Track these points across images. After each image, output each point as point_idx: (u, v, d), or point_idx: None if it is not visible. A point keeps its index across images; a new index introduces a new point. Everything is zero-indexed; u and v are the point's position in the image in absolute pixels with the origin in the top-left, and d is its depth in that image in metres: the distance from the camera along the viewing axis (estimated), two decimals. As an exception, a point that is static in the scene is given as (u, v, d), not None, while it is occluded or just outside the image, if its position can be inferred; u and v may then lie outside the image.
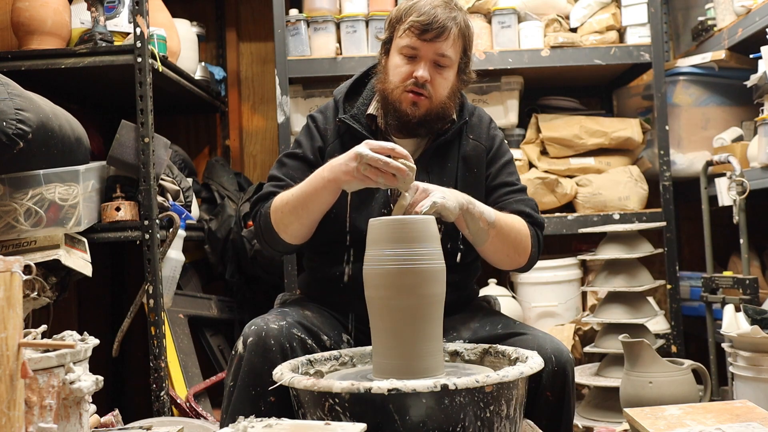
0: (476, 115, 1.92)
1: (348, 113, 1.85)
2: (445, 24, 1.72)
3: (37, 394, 1.15)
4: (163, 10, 2.70)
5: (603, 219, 2.83)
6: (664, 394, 2.15)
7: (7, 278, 1.04)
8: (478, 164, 1.86)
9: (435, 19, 1.71)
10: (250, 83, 3.48)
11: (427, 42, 1.73)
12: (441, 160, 1.84)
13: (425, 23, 1.71)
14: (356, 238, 1.71)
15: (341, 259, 1.76)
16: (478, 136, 1.89)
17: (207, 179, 3.14)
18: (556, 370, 1.61)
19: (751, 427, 1.43)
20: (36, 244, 2.07)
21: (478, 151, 1.86)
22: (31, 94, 2.03)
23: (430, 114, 1.78)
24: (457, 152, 1.85)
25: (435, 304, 1.46)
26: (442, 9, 1.73)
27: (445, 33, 1.72)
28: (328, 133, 1.86)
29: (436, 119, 1.80)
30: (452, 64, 1.77)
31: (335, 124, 1.86)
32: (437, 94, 1.77)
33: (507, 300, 2.89)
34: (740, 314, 2.22)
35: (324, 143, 1.86)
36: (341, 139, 1.84)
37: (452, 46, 1.75)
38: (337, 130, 1.85)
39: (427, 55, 1.74)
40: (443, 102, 1.78)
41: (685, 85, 2.96)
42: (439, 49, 1.74)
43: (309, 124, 1.90)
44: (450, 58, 1.75)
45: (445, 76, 1.77)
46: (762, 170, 2.44)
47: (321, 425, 1.27)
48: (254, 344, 1.57)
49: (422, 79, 1.74)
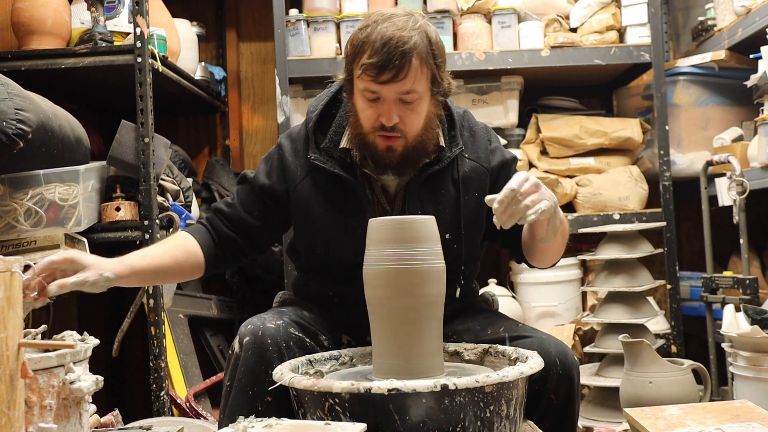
0: (467, 128, 1.76)
1: (320, 145, 1.71)
2: (401, 61, 1.52)
3: (37, 394, 1.15)
4: (163, 10, 2.70)
5: (603, 219, 2.83)
6: (664, 394, 2.15)
7: (7, 278, 1.04)
8: (480, 187, 1.72)
9: (388, 58, 1.52)
10: (250, 83, 3.48)
11: (385, 84, 1.55)
12: (434, 186, 1.69)
13: (379, 65, 1.53)
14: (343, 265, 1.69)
15: (329, 280, 1.75)
16: (476, 155, 1.74)
17: (207, 179, 3.14)
18: (561, 373, 1.59)
19: (751, 427, 1.43)
20: (36, 244, 2.07)
21: (479, 173, 1.72)
22: (31, 94, 2.03)
23: (409, 150, 1.63)
24: (452, 175, 1.70)
25: (435, 304, 1.46)
26: (396, 41, 1.52)
27: (403, 71, 1.53)
28: (298, 169, 1.72)
29: (418, 153, 1.65)
30: (421, 96, 1.59)
31: (306, 159, 1.71)
32: (411, 131, 1.61)
33: (507, 300, 2.89)
34: (740, 314, 2.22)
35: (289, 185, 1.72)
36: (312, 176, 1.71)
37: (416, 80, 1.56)
38: (308, 166, 1.71)
39: (389, 96, 1.57)
40: (420, 134, 1.63)
41: (685, 85, 2.96)
42: (400, 89, 1.55)
43: (275, 156, 1.77)
44: (416, 92, 1.57)
45: (416, 111, 1.60)
46: (762, 170, 2.44)
47: (321, 425, 1.27)
48: (251, 344, 1.56)
49: (390, 123, 1.58)
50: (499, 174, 1.74)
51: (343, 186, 1.69)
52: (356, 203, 1.68)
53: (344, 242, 1.68)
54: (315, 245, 1.73)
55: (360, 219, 1.63)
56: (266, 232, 1.79)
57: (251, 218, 1.75)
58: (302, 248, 1.78)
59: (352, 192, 1.68)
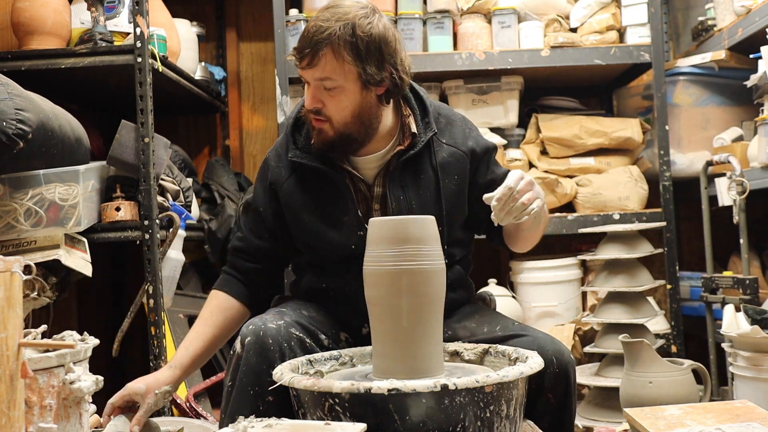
0: (443, 116, 1.80)
1: (298, 144, 1.77)
2: (314, 49, 1.59)
3: (37, 394, 1.15)
4: (163, 10, 2.70)
5: (603, 219, 2.83)
6: (664, 394, 2.15)
7: (7, 278, 1.04)
8: (460, 172, 1.76)
9: (305, 45, 1.61)
10: (250, 83, 3.48)
11: (304, 69, 1.63)
12: (413, 171, 1.74)
13: (298, 51, 1.63)
14: (333, 257, 1.75)
15: (321, 274, 1.79)
16: (454, 141, 1.77)
17: (207, 179, 3.14)
18: (557, 372, 1.60)
19: (751, 427, 1.43)
20: (36, 244, 2.07)
21: (457, 157, 1.76)
22: (31, 94, 2.03)
23: (342, 136, 1.67)
24: (431, 160, 1.74)
25: (435, 304, 1.46)
26: (315, 30, 1.60)
27: (315, 58, 1.59)
28: (282, 172, 1.77)
29: (354, 139, 1.68)
30: (340, 85, 1.62)
31: (288, 160, 1.76)
32: (335, 117, 1.65)
33: (507, 300, 2.89)
34: (740, 314, 2.22)
35: (277, 186, 1.78)
36: (295, 175, 1.76)
37: (331, 68, 1.60)
38: (291, 166, 1.76)
39: (310, 80, 1.65)
40: (351, 122, 1.66)
41: (685, 85, 2.96)
42: (316, 74, 1.62)
43: (263, 168, 1.84)
44: (332, 80, 1.61)
45: (337, 99, 1.63)
46: (762, 170, 2.44)
47: (321, 425, 1.27)
48: (252, 344, 1.57)
49: (309, 105, 1.65)
50: (481, 160, 1.79)
51: (323, 178, 1.74)
52: (337, 192, 1.73)
53: (330, 232, 1.73)
54: (304, 239, 1.78)
55: (342, 207, 1.71)
56: (283, 247, 1.84)
57: (264, 242, 1.82)
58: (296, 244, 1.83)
59: (332, 182, 1.73)
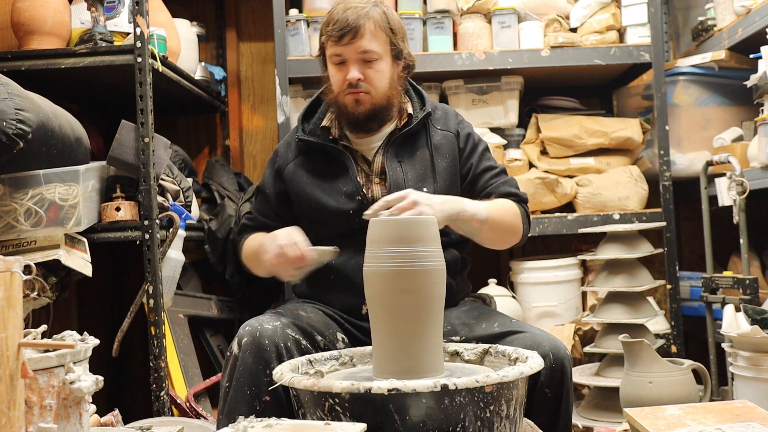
0: (440, 108, 2.01)
1: (306, 129, 1.97)
2: (357, 23, 1.81)
3: (37, 394, 1.15)
4: (163, 10, 2.70)
5: (603, 219, 2.83)
6: (664, 394, 2.15)
7: (7, 278, 1.04)
8: (451, 152, 1.94)
9: (346, 22, 1.81)
10: (250, 83, 3.48)
11: (346, 45, 1.82)
12: (410, 149, 1.92)
13: (339, 29, 1.81)
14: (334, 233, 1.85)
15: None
16: (446, 126, 1.97)
17: (207, 179, 3.13)
18: (553, 366, 1.63)
19: (751, 427, 1.43)
20: (36, 244, 2.07)
21: (448, 139, 1.95)
22: (31, 94, 2.03)
23: (376, 107, 1.87)
24: (426, 141, 1.93)
25: (435, 304, 1.46)
26: (353, 10, 1.82)
27: (360, 31, 1.81)
28: (288, 154, 1.98)
29: (383, 110, 1.89)
30: (380, 56, 1.85)
31: (296, 144, 1.97)
32: (376, 87, 1.86)
33: (507, 300, 2.89)
34: (740, 314, 2.22)
35: (283, 169, 1.97)
36: (300, 156, 1.96)
37: (373, 40, 1.83)
38: (297, 149, 1.97)
39: (351, 57, 1.84)
40: (386, 92, 1.88)
41: (685, 85, 2.96)
42: (359, 48, 1.82)
43: (272, 157, 2.04)
44: (374, 51, 1.83)
45: (377, 69, 1.85)
46: (762, 170, 2.44)
47: (321, 425, 1.27)
48: (249, 344, 1.59)
49: (354, 80, 1.83)
50: (466, 143, 1.95)
51: (327, 156, 1.92)
52: (339, 167, 1.90)
53: (330, 201, 1.86)
54: (305, 209, 1.91)
55: (343, 180, 1.88)
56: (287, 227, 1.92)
57: (270, 221, 1.97)
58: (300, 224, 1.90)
59: (333, 158, 1.91)
